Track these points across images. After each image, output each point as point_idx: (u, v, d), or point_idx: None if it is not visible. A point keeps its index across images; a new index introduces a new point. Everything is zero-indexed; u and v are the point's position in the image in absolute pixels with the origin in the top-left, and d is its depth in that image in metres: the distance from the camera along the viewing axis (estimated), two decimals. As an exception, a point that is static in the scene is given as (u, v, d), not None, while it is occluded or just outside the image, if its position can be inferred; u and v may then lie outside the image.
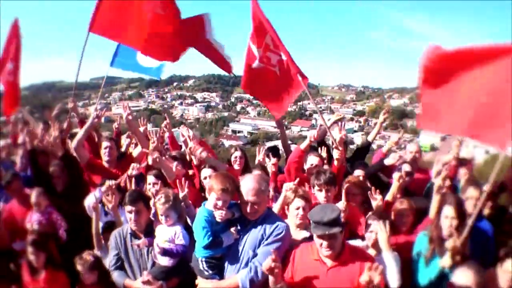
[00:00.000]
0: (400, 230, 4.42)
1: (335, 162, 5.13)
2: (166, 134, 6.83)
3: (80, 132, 5.76)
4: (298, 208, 4.01)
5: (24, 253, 4.56)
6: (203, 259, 3.59)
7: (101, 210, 4.82)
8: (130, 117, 5.84)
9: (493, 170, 3.81)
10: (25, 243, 4.49)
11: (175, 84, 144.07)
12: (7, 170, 5.84)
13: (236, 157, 5.79)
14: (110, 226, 4.56)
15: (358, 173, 5.40)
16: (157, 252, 3.85)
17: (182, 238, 3.89)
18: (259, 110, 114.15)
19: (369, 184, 5.11)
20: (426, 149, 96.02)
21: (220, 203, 3.45)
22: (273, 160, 5.61)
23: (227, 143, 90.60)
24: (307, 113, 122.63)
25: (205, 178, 4.82)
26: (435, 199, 4.37)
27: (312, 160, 5.34)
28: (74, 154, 5.65)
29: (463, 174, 5.46)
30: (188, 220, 4.26)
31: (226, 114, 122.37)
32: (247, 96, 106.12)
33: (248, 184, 3.50)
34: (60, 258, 4.69)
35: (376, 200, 4.39)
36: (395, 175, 4.68)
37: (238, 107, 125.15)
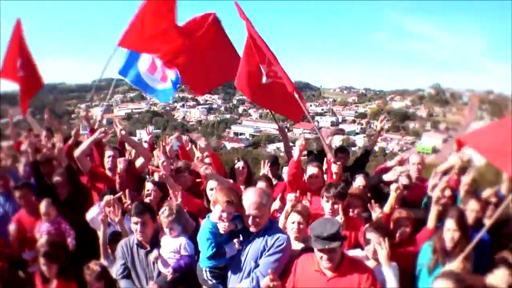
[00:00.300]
0: (398, 239, 4.53)
1: (334, 176, 5.24)
2: (174, 146, 6.92)
3: (84, 143, 5.88)
4: (293, 223, 4.16)
5: (33, 262, 4.72)
6: (207, 269, 3.71)
7: None
8: (123, 132, 5.98)
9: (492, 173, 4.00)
10: (34, 252, 4.63)
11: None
12: (13, 178, 5.97)
13: (239, 168, 5.86)
14: (115, 237, 4.69)
15: (359, 182, 5.50)
16: (162, 262, 4.00)
17: (187, 249, 4.03)
18: (261, 113, 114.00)
19: (370, 195, 5.19)
20: (428, 151, 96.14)
21: (225, 214, 3.57)
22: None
23: (229, 145, 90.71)
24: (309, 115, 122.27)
25: (211, 189, 4.89)
26: (434, 210, 4.47)
27: (311, 170, 5.43)
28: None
29: (463, 184, 5.48)
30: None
31: (228, 116, 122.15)
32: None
33: (250, 198, 3.61)
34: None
35: (376, 212, 4.52)
36: (393, 186, 4.77)
37: (240, 109, 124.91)
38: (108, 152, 6.05)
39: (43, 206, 5.05)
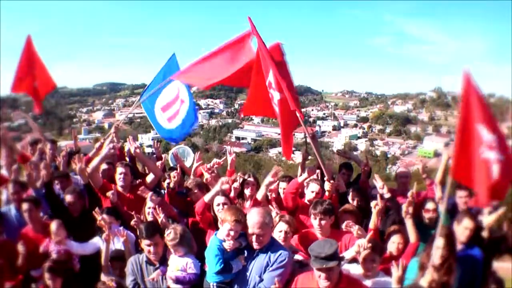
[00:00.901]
0: (392, 255, 4.78)
1: (326, 193, 5.50)
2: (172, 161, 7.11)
3: (95, 159, 5.99)
4: (280, 231, 4.47)
5: (41, 279, 4.81)
6: (215, 284, 3.97)
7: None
8: (138, 150, 6.16)
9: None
10: (42, 269, 4.73)
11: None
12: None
13: (248, 184, 5.90)
14: (118, 255, 4.93)
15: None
16: (170, 279, 4.21)
17: (194, 268, 4.25)
18: (262, 117, 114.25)
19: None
20: (430, 155, 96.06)
21: (232, 233, 3.87)
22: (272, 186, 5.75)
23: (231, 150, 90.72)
24: (311, 119, 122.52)
25: (218, 204, 5.08)
26: (408, 224, 4.71)
27: (312, 187, 5.60)
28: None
29: (461, 202, 5.77)
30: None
31: (230, 120, 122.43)
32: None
33: (254, 218, 3.91)
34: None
35: (354, 229, 4.70)
36: (372, 203, 4.91)
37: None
38: (120, 169, 6.06)
39: (53, 227, 5.10)
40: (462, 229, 4.72)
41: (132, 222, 5.08)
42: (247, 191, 5.87)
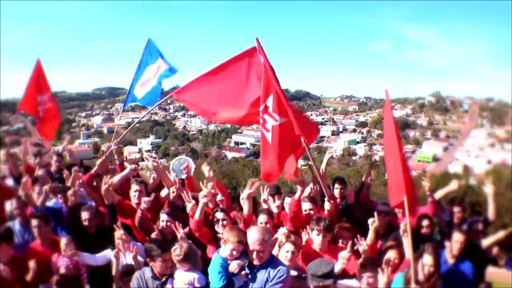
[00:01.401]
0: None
1: (325, 212, 5.75)
2: (179, 174, 7.04)
3: (114, 178, 6.14)
4: (287, 252, 4.65)
5: None
6: None
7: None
8: (155, 164, 6.43)
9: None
10: (50, 283, 4.95)
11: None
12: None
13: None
14: (128, 269, 5.04)
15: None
16: None
17: (200, 283, 4.40)
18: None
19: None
20: (429, 160, 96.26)
21: (235, 252, 4.10)
22: (277, 202, 5.94)
23: (229, 154, 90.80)
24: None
25: (217, 221, 5.37)
26: (405, 242, 4.85)
27: (305, 206, 5.81)
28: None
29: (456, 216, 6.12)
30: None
31: (229, 125, 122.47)
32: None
33: (254, 236, 4.11)
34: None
35: (362, 246, 4.90)
36: (369, 221, 5.21)
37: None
38: (135, 187, 6.21)
39: (63, 243, 5.27)
40: (453, 242, 5.03)
41: (153, 235, 5.25)
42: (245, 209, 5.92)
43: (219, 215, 5.38)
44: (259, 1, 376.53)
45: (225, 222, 5.33)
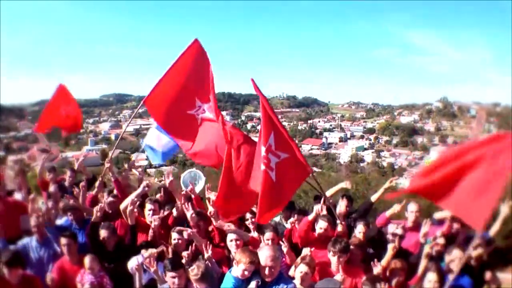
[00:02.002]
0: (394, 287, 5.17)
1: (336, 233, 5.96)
2: None
3: (129, 197, 6.29)
4: (301, 272, 4.92)
5: None
6: None
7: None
8: (171, 178, 6.81)
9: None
10: None
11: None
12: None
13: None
14: (151, 284, 5.28)
15: (360, 229, 6.12)
16: None
17: None
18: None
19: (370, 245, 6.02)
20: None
21: (247, 272, 4.36)
22: (291, 219, 6.18)
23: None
24: (318, 131, 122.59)
25: (231, 240, 5.61)
26: (423, 263, 5.11)
27: (322, 224, 5.94)
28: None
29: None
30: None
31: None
32: (258, 114, 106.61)
33: (266, 252, 4.40)
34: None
35: (377, 268, 5.17)
36: (390, 246, 5.47)
37: (249, 126, 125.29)
38: (149, 206, 6.46)
39: (87, 261, 5.48)
40: (453, 258, 5.13)
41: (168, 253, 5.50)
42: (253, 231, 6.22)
43: (231, 236, 5.62)
44: (266, 8, 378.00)
45: (238, 242, 5.55)
